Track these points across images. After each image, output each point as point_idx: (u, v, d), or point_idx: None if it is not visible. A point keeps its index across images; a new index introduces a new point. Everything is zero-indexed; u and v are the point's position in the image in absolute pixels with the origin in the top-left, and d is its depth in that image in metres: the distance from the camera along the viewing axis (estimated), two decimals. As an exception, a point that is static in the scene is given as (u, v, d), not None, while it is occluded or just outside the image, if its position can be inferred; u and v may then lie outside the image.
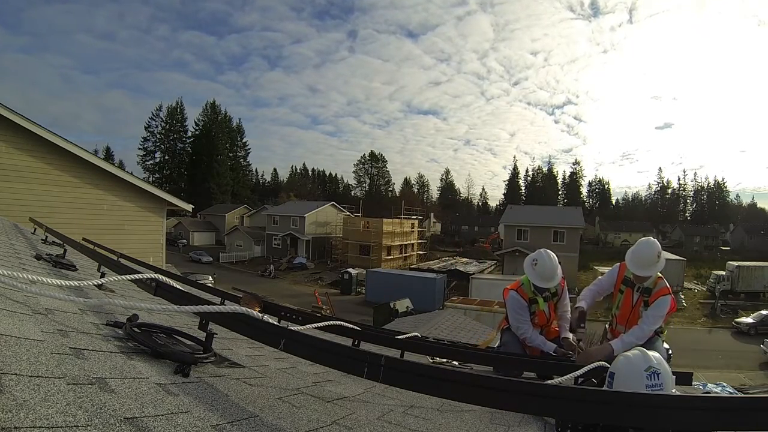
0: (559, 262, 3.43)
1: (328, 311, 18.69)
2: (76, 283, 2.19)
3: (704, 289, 37.25)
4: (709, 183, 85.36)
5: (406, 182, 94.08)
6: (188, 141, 76.74)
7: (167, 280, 2.03)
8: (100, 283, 2.31)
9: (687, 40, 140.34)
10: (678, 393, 1.42)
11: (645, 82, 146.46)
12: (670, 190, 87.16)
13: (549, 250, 3.29)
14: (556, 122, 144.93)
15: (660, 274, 3.07)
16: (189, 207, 11.80)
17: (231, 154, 78.38)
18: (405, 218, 46.96)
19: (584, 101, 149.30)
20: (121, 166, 23.52)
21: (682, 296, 33.41)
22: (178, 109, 76.62)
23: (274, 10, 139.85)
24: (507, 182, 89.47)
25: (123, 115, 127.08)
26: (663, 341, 3.17)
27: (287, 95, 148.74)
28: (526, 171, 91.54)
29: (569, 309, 3.46)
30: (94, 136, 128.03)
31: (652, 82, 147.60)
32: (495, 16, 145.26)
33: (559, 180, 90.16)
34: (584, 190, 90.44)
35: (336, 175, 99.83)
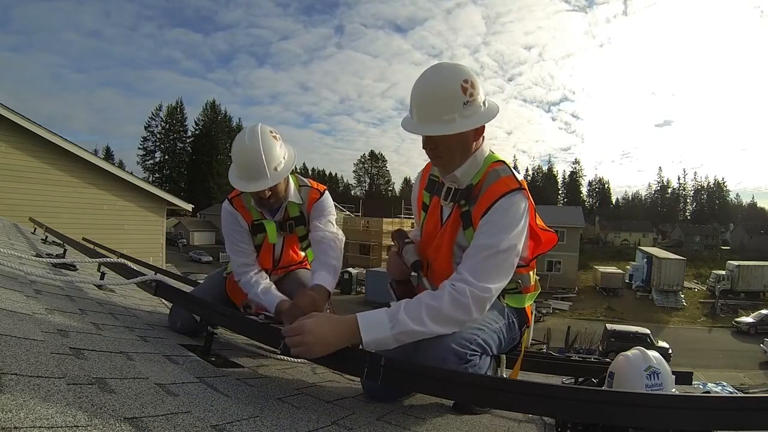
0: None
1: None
2: (76, 283, 2.19)
3: (704, 288, 37.29)
4: (709, 182, 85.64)
5: (406, 182, 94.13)
6: (188, 141, 76.80)
7: (167, 280, 2.03)
8: (100, 283, 2.32)
9: (685, 33, 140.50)
10: (678, 393, 1.43)
11: (643, 77, 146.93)
12: (670, 190, 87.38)
13: (264, 126, 1.86)
14: (554, 120, 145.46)
15: (499, 165, 1.42)
16: (189, 207, 11.81)
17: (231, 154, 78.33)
18: (405, 218, 46.95)
19: (581, 98, 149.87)
20: (120, 165, 23.50)
21: (682, 296, 33.41)
22: (178, 109, 76.78)
23: (259, 7, 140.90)
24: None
25: (116, 114, 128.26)
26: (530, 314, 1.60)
27: (278, 93, 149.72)
28: (526, 170, 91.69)
29: (335, 249, 1.91)
30: (88, 135, 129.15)
31: (650, 78, 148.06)
32: (486, 8, 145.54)
33: (559, 179, 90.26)
34: (584, 190, 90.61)
35: (336, 174, 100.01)
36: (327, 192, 2.11)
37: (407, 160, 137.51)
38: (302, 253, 2.22)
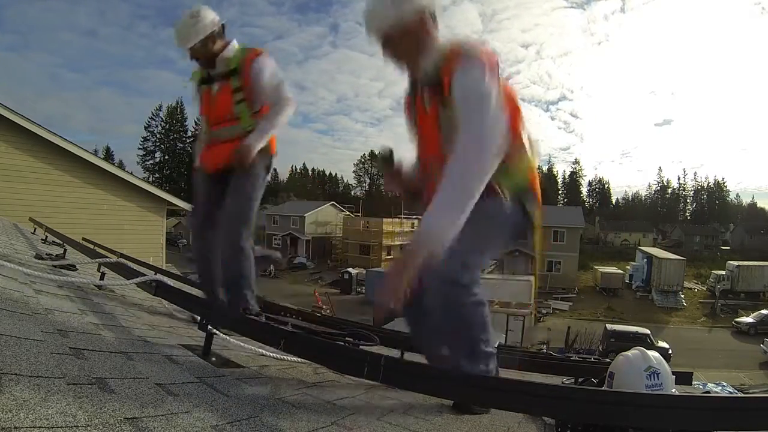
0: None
1: (328, 311, 18.69)
2: (76, 283, 2.19)
3: (704, 288, 37.24)
4: (709, 182, 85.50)
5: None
6: (188, 141, 76.73)
7: (167, 280, 2.03)
8: (100, 283, 2.32)
9: (684, 31, 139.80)
10: (678, 393, 1.43)
11: (642, 76, 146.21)
12: (670, 190, 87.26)
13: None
14: (552, 119, 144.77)
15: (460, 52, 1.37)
16: (189, 207, 11.79)
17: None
18: (405, 218, 46.94)
19: (580, 97, 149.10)
20: (120, 165, 23.48)
21: (682, 296, 33.40)
22: (178, 109, 76.80)
23: (253, 6, 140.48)
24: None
25: (114, 114, 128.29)
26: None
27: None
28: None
29: (277, 113, 2.33)
30: (87, 135, 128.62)
31: (649, 77, 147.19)
32: (482, 5, 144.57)
33: (559, 179, 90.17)
34: (584, 190, 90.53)
35: (336, 174, 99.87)
36: (267, 55, 2.36)
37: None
38: (236, 110, 2.37)
